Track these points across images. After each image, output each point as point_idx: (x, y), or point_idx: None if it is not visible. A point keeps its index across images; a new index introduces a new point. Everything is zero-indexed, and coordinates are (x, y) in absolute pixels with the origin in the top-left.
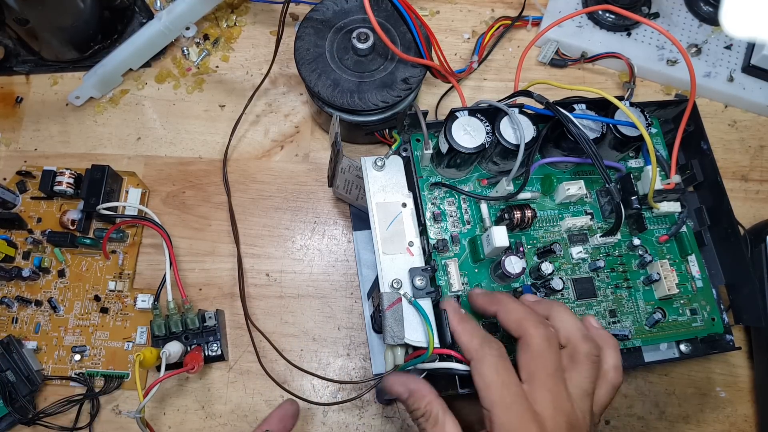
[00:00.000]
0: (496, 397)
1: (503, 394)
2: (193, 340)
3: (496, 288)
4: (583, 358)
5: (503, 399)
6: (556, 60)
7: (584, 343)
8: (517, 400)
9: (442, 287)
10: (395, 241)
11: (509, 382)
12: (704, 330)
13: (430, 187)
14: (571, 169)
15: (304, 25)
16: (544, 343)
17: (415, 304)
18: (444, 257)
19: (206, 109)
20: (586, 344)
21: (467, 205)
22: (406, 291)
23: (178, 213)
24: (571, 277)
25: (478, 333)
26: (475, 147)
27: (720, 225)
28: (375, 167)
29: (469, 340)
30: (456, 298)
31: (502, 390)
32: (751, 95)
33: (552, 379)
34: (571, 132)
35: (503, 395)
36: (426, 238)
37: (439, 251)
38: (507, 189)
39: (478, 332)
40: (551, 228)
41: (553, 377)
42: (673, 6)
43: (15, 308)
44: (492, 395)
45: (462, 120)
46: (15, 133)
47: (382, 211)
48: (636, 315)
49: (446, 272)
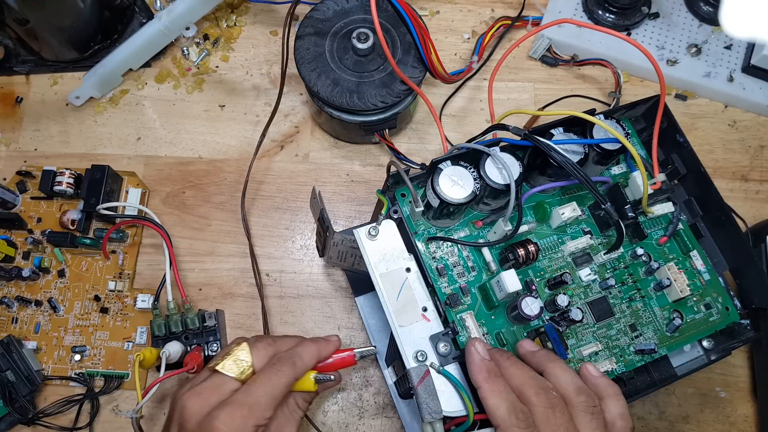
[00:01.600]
0: None
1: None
2: (193, 340)
3: (516, 331)
4: (580, 412)
5: None
6: (548, 58)
7: (578, 397)
8: None
9: (462, 343)
10: (408, 310)
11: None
12: (722, 322)
13: (427, 241)
14: (559, 191)
15: (304, 25)
16: (548, 411)
17: (444, 373)
18: (458, 311)
19: (206, 109)
20: (580, 397)
21: (468, 252)
22: (432, 361)
23: (178, 213)
24: (586, 300)
25: (507, 398)
26: (466, 197)
27: (711, 212)
28: (370, 237)
29: (496, 406)
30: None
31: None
32: (751, 95)
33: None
34: (556, 160)
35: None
36: (437, 297)
37: (451, 306)
38: (506, 229)
39: (506, 397)
40: (555, 255)
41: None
42: (673, 6)
43: (15, 308)
44: None
45: (447, 171)
46: (15, 133)
47: (388, 282)
48: (655, 323)
49: (464, 327)
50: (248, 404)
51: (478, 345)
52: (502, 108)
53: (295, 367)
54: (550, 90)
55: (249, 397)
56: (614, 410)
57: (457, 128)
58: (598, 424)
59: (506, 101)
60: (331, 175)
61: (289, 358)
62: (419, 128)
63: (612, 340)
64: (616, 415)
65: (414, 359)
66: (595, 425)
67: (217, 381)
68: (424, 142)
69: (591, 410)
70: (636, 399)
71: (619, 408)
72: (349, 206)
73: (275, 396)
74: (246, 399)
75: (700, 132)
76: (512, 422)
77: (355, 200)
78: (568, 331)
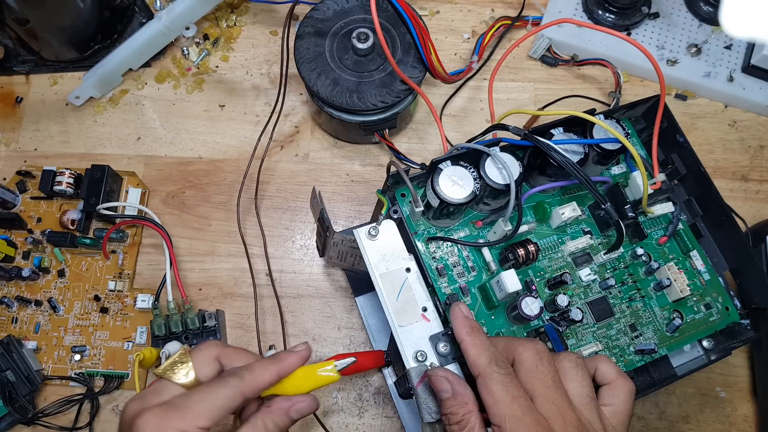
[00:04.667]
0: (507, 411)
1: (513, 408)
2: (193, 340)
3: (516, 331)
4: (568, 366)
5: (514, 413)
6: (548, 58)
7: (564, 356)
8: (528, 412)
9: None
10: (408, 310)
11: (518, 396)
12: (722, 322)
13: (427, 241)
14: (559, 191)
15: (304, 25)
16: (536, 356)
17: None
18: None
19: (206, 109)
20: (566, 355)
21: (468, 252)
22: (432, 361)
23: (178, 213)
24: (586, 300)
25: (487, 349)
26: (466, 197)
27: (711, 212)
28: (370, 237)
29: (477, 355)
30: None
31: (512, 404)
32: (751, 95)
33: (552, 391)
34: (556, 160)
35: (513, 409)
36: (437, 297)
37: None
38: (506, 230)
39: (486, 348)
40: (555, 255)
41: (553, 388)
42: (673, 6)
43: (15, 308)
44: (502, 410)
45: (447, 171)
46: (15, 133)
47: (388, 282)
48: (655, 323)
49: None
50: (179, 407)
51: (462, 306)
52: (502, 108)
53: (242, 380)
54: (550, 90)
55: (184, 401)
56: (610, 371)
57: (457, 128)
58: (588, 377)
59: (506, 101)
60: (331, 175)
61: (238, 371)
62: (419, 128)
63: (612, 340)
64: (614, 374)
65: (414, 359)
66: (586, 377)
67: (158, 386)
68: (424, 142)
69: (578, 362)
70: (636, 399)
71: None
72: (349, 206)
73: (214, 406)
74: (179, 402)
75: (700, 132)
76: (493, 369)
77: (355, 200)
78: (568, 331)
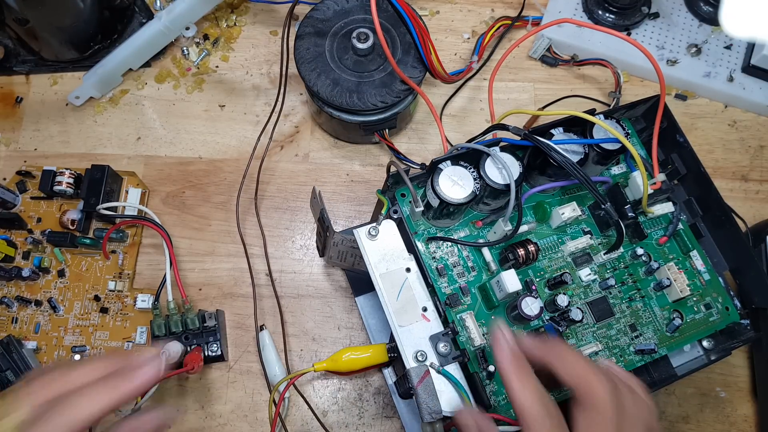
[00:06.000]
0: None
1: None
2: (193, 340)
3: (517, 330)
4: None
5: None
6: (548, 58)
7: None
8: None
9: (462, 343)
10: (408, 310)
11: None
12: (722, 322)
13: (427, 241)
14: (559, 191)
15: (304, 25)
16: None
17: (444, 373)
18: (458, 311)
19: (206, 109)
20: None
21: (468, 252)
22: (432, 361)
23: (178, 213)
24: (586, 300)
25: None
26: (466, 197)
27: (711, 212)
28: (370, 237)
29: (529, 403)
30: (481, 351)
31: None
32: (751, 95)
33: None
34: (556, 160)
35: None
36: (437, 297)
37: (451, 306)
38: (506, 230)
39: (539, 394)
40: (554, 255)
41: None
42: (673, 6)
43: (15, 308)
44: None
45: (447, 171)
46: (15, 133)
47: (388, 282)
48: (655, 323)
49: (464, 327)
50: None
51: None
52: (502, 108)
53: (65, 418)
54: (550, 90)
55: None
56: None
57: (457, 128)
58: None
59: (506, 101)
60: (331, 175)
61: (61, 407)
62: (419, 128)
63: (612, 340)
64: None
65: (414, 359)
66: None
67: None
68: (424, 142)
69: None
70: None
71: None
72: (349, 206)
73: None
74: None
75: (700, 132)
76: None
77: (355, 200)
78: (568, 331)
